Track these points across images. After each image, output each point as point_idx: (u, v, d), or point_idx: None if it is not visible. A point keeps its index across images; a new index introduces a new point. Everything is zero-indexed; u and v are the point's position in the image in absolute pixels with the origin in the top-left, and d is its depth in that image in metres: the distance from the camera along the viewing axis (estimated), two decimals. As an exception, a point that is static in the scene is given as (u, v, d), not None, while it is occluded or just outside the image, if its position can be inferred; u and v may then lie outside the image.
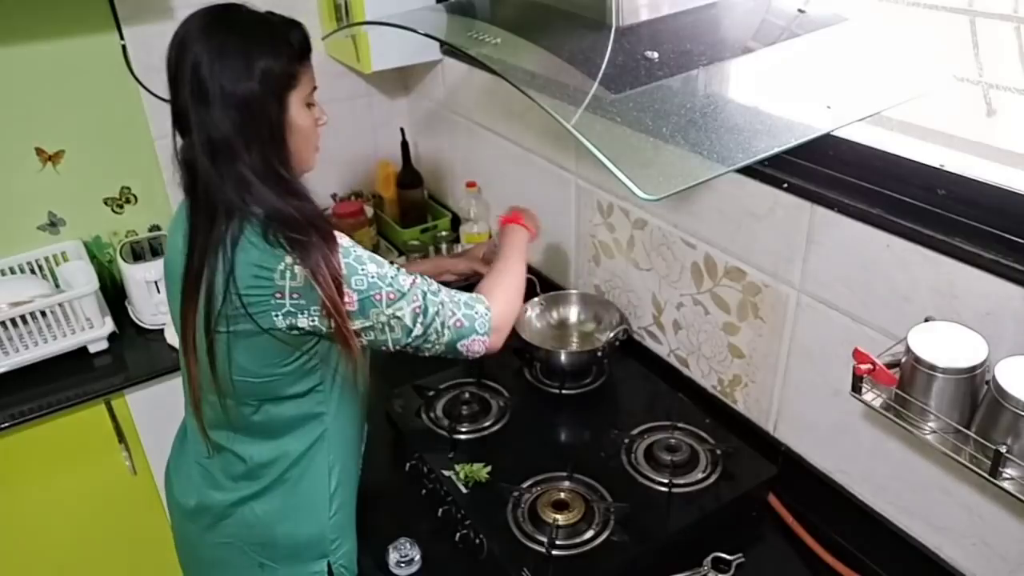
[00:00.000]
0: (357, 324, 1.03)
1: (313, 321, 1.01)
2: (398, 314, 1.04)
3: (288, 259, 0.97)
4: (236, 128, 0.97)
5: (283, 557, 1.17)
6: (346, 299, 1.01)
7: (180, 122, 1.01)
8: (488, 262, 1.49)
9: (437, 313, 1.08)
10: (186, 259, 1.02)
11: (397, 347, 1.08)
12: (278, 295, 0.98)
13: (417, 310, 1.06)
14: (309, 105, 1.07)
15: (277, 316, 1.00)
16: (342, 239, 1.03)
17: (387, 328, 1.05)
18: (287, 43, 1.01)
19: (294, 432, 1.13)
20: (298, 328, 1.01)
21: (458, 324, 1.09)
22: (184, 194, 1.05)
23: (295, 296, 0.99)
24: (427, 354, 1.10)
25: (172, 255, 1.11)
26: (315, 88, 1.09)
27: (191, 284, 1.01)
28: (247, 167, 0.98)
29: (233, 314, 1.00)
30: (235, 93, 0.96)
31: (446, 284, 1.16)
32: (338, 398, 1.14)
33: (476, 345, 1.12)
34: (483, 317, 1.12)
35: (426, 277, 1.10)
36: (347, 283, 1.01)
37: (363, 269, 1.02)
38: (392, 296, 1.04)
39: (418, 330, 1.06)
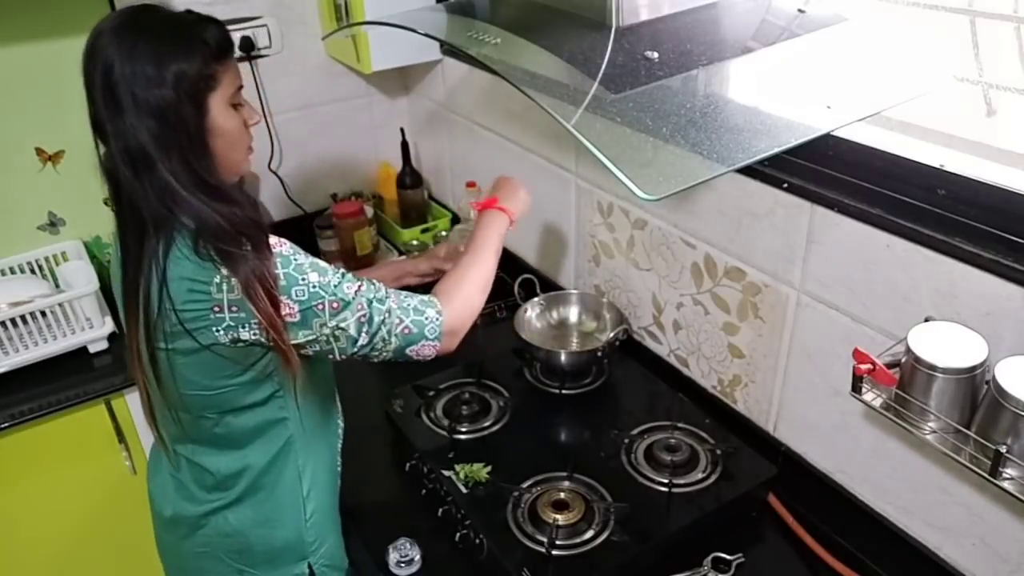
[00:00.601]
0: (300, 337, 0.99)
1: (254, 334, 0.97)
2: (342, 325, 1.00)
3: (224, 270, 0.94)
4: (153, 136, 0.92)
5: (261, 563, 1.16)
6: (287, 310, 0.97)
7: (98, 131, 0.95)
8: (451, 260, 1.45)
9: (383, 321, 1.03)
10: (122, 273, 0.99)
11: (344, 356, 1.04)
12: (216, 309, 0.94)
13: (362, 319, 1.01)
14: (236, 106, 1.02)
15: (218, 331, 0.96)
16: (281, 246, 0.99)
17: (332, 339, 1.01)
18: (202, 43, 0.95)
19: (258, 440, 1.10)
20: (242, 340, 0.98)
21: (406, 331, 1.05)
22: (111, 207, 0.99)
23: (234, 309, 0.95)
24: (376, 361, 1.06)
25: (115, 268, 1.06)
26: (240, 87, 1.03)
27: (130, 299, 0.97)
28: (170, 175, 0.93)
29: (172, 331, 0.96)
30: (148, 100, 0.91)
31: (409, 288, 1.14)
32: (301, 401, 1.11)
33: (426, 350, 1.08)
34: (434, 323, 1.07)
35: (374, 282, 1.06)
36: (287, 294, 0.97)
37: (304, 279, 0.98)
38: (336, 306, 0.99)
39: (364, 339, 1.02)
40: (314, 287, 0.98)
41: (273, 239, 0.99)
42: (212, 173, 0.97)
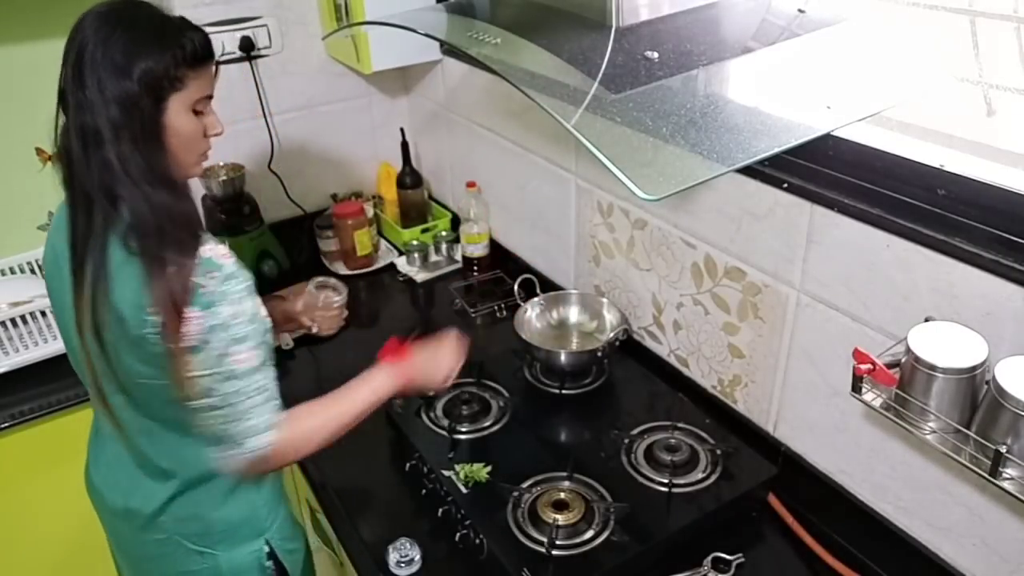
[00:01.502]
0: (189, 358, 0.97)
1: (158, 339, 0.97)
2: (205, 373, 0.98)
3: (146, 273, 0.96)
4: (109, 119, 0.95)
5: (220, 541, 1.16)
6: (190, 326, 0.96)
7: (62, 102, 0.99)
8: (306, 314, 1.47)
9: (235, 404, 1.00)
10: (70, 250, 1.00)
11: (180, 401, 1.00)
12: (151, 308, 0.96)
13: (226, 383, 0.99)
14: (198, 112, 1.04)
15: (147, 327, 0.97)
16: (223, 260, 0.99)
17: (189, 381, 0.98)
18: (179, 46, 0.98)
19: None
20: None
21: (233, 433, 1.02)
22: (63, 187, 1.02)
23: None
24: (193, 428, 1.03)
25: (50, 256, 1.10)
26: (209, 97, 1.06)
27: (78, 275, 0.99)
28: (116, 156, 0.96)
29: (112, 319, 0.98)
30: (112, 88, 0.95)
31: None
32: None
33: (232, 461, 1.04)
34: (259, 439, 1.03)
35: (269, 372, 1.04)
36: (196, 309, 0.96)
37: (221, 310, 0.97)
38: (222, 355, 0.98)
39: (208, 400, 1.00)
40: (231, 323, 0.98)
41: (221, 249, 1.00)
42: (159, 164, 1.00)
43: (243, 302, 1.01)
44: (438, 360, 1.26)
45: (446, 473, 1.31)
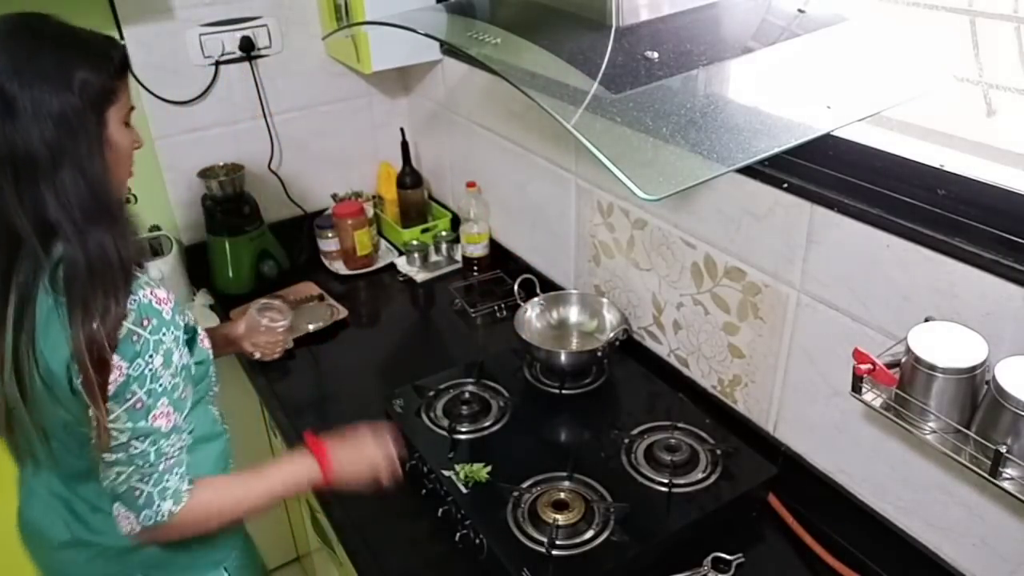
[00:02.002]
0: (110, 408, 0.93)
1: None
2: (124, 427, 0.94)
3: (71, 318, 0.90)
4: (46, 143, 0.88)
5: (179, 570, 1.14)
6: (113, 375, 0.91)
7: None
8: (248, 337, 1.41)
9: (143, 467, 0.97)
10: None
11: (97, 451, 0.96)
12: (75, 355, 0.91)
13: (142, 441, 0.96)
14: (128, 125, 1.00)
15: (71, 373, 0.92)
16: (160, 307, 0.95)
17: (106, 432, 0.94)
18: (107, 57, 0.94)
19: None
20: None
21: (138, 494, 0.98)
22: None
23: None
24: (101, 480, 0.99)
25: None
26: (132, 109, 1.01)
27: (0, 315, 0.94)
28: (52, 189, 0.89)
29: (39, 368, 0.93)
30: (51, 104, 0.88)
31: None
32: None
33: (124, 522, 1.01)
34: (160, 510, 1.00)
35: (181, 433, 1.01)
36: (123, 357, 0.91)
37: (145, 361, 0.93)
38: (140, 407, 0.94)
39: (121, 455, 0.96)
40: (152, 376, 0.94)
41: (160, 293, 0.96)
42: (104, 187, 0.94)
43: (172, 355, 0.97)
44: (361, 456, 1.18)
45: (446, 473, 1.31)
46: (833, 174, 1.09)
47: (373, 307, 2.00)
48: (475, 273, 2.04)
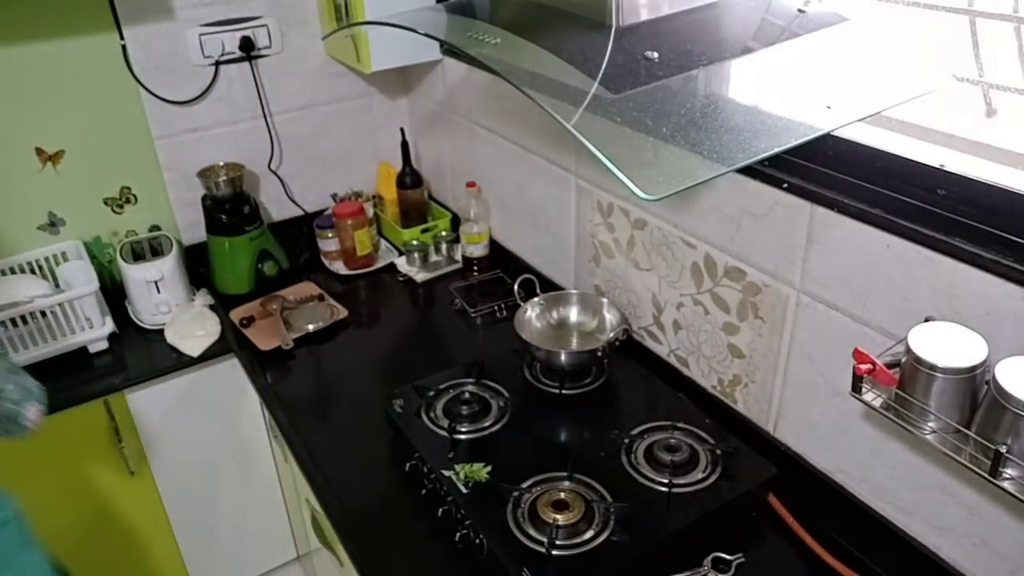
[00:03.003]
0: None
1: None
2: None
3: None
4: None
5: None
6: None
7: None
8: None
9: None
10: None
11: None
12: None
13: None
14: None
15: None
16: None
17: None
18: None
19: None
20: None
21: None
22: None
23: None
24: None
25: None
26: None
27: None
28: None
29: None
30: None
31: None
32: None
33: None
34: None
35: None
36: None
37: None
38: None
39: None
40: None
41: None
42: None
43: None
44: None
45: (446, 473, 1.31)
46: (833, 174, 1.09)
47: (373, 307, 2.00)
48: (475, 273, 2.04)
